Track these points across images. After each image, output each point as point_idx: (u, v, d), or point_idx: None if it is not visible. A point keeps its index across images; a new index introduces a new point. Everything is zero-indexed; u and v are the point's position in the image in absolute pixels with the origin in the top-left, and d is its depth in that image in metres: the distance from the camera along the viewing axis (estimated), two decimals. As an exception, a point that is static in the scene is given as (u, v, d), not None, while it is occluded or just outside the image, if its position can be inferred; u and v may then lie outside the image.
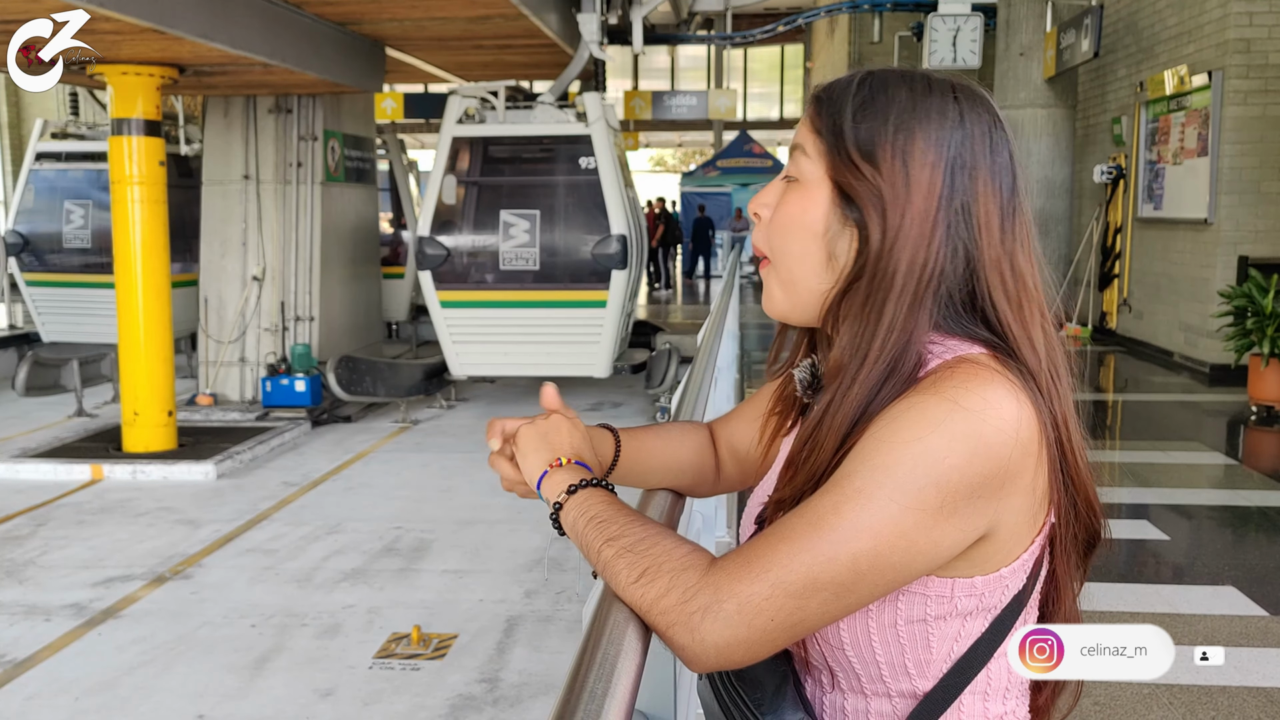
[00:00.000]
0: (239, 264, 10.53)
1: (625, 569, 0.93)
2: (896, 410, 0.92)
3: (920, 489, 0.88)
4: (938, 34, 13.82)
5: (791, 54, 30.31)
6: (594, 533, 0.98)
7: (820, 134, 1.01)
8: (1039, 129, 12.84)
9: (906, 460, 0.88)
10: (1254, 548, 5.24)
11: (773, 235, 1.04)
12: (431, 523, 6.93)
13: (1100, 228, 12.54)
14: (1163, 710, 3.36)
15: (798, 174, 1.02)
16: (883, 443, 0.90)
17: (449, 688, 4.56)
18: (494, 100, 9.60)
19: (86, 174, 11.82)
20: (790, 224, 1.02)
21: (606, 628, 0.89)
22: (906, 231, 0.98)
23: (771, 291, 1.06)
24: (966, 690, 0.99)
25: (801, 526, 0.89)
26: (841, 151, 0.99)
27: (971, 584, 0.96)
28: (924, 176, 0.98)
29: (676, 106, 19.74)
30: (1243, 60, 9.27)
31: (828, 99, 1.03)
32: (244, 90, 10.18)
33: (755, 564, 0.88)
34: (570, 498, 1.05)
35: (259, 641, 5.10)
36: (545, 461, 1.12)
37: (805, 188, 1.02)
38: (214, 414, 9.95)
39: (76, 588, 5.82)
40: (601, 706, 0.77)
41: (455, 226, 9.55)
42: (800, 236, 1.02)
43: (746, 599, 0.87)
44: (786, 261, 1.03)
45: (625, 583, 0.92)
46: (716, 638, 0.87)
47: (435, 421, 10.22)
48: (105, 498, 7.67)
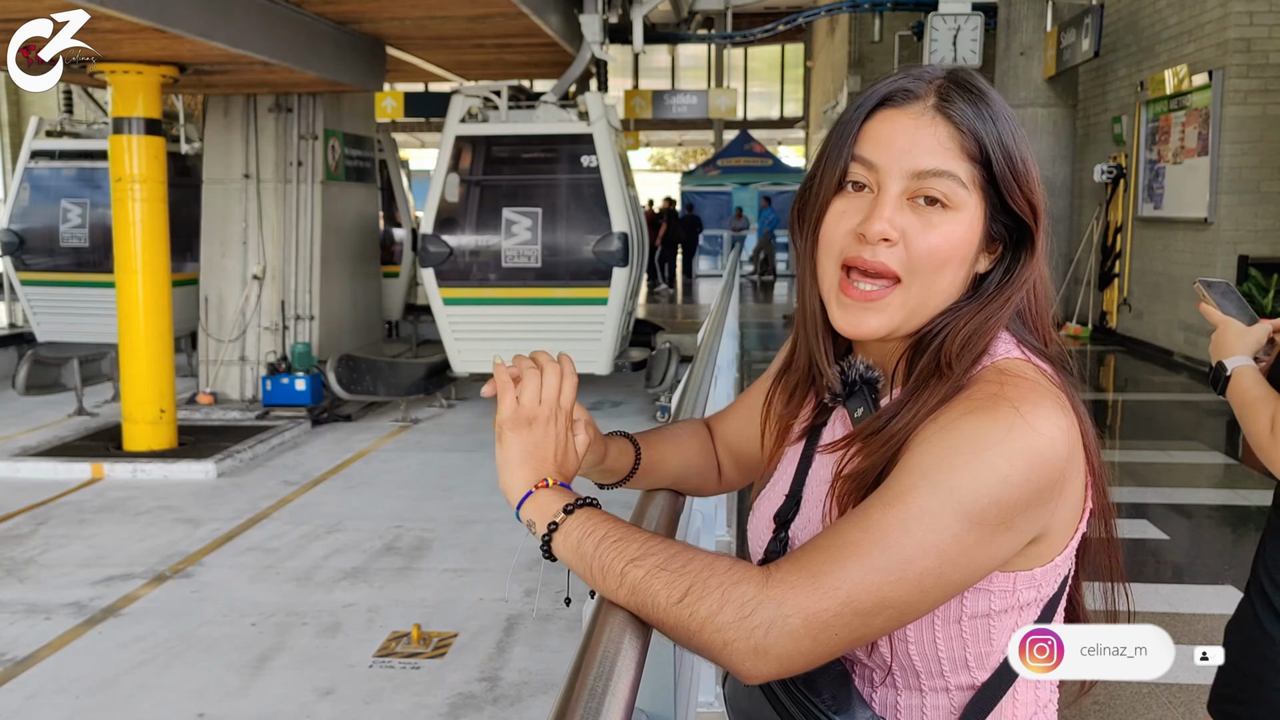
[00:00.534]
0: (239, 263, 10.54)
1: (663, 589, 0.89)
2: (957, 421, 0.92)
3: (984, 508, 0.89)
4: (938, 33, 13.82)
5: (792, 53, 30.32)
6: (612, 554, 0.94)
7: (978, 161, 0.99)
8: (1039, 128, 12.84)
9: (969, 478, 0.89)
10: (1253, 547, 5.23)
11: (923, 262, 0.99)
12: (432, 521, 6.93)
13: (1100, 227, 12.54)
14: (1162, 709, 3.36)
15: (947, 199, 0.98)
16: (945, 456, 0.90)
17: (449, 686, 4.57)
18: (497, 100, 9.68)
19: (81, 172, 11.72)
20: (952, 253, 0.99)
21: (606, 626, 0.90)
22: (1043, 248, 1.03)
23: (888, 309, 1.01)
24: (1021, 677, 1.01)
25: (868, 544, 0.88)
26: (1009, 175, 0.99)
27: (1031, 576, 0.99)
28: (1041, 191, 1.02)
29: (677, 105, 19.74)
30: (1243, 60, 9.27)
31: (976, 121, 0.99)
32: (244, 89, 10.19)
33: (823, 580, 0.87)
34: (568, 517, 1.00)
35: (259, 640, 5.10)
36: (529, 480, 1.08)
37: (963, 215, 0.99)
38: (214, 413, 9.96)
39: (77, 586, 5.83)
40: (601, 704, 0.77)
41: (458, 224, 9.61)
42: (956, 265, 1.00)
43: (814, 615, 0.86)
44: (932, 288, 1.00)
45: (666, 603, 0.89)
46: (780, 651, 0.86)
47: (435, 420, 10.22)
48: (105, 496, 7.67)
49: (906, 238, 0.99)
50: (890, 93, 1.02)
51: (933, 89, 1.01)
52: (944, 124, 0.99)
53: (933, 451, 0.91)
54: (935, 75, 1.03)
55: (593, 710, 0.76)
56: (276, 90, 10.26)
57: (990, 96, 1.01)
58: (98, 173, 11.27)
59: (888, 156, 1.00)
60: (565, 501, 1.02)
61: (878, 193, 1.00)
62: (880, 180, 1.00)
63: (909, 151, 0.99)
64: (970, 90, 1.01)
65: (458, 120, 9.56)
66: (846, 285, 1.02)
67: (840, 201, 1.03)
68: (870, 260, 1.00)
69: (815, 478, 1.10)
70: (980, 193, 1.00)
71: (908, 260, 0.99)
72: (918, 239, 0.99)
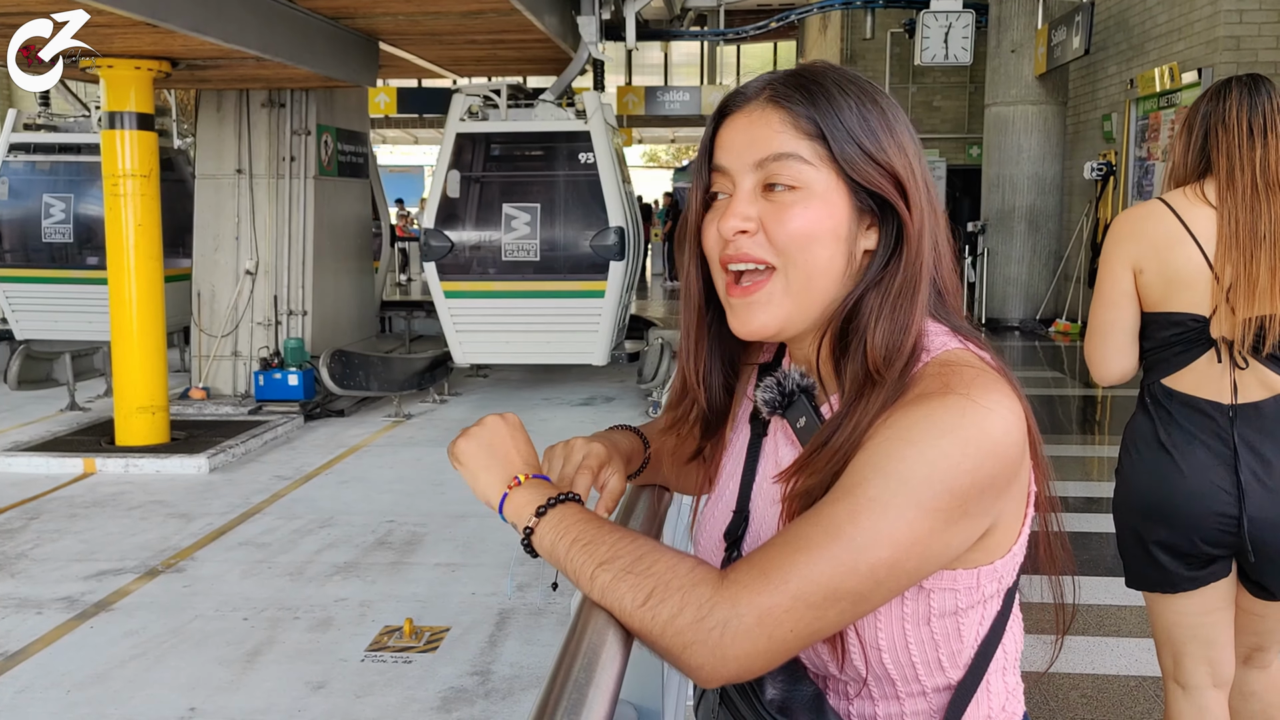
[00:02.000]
0: (232, 258, 10.53)
1: (629, 592, 0.90)
2: (907, 411, 0.92)
3: (935, 495, 0.88)
4: (930, 31, 13.86)
5: (784, 50, 30.30)
6: (582, 557, 0.94)
7: (818, 137, 0.99)
8: (1030, 125, 12.89)
9: (921, 467, 0.88)
10: (1240, 543, 5.28)
11: (787, 242, 0.99)
12: (424, 516, 6.95)
13: (1090, 224, 12.59)
14: (1149, 702, 3.39)
15: (796, 181, 0.99)
16: (896, 447, 0.90)
17: (441, 680, 4.59)
18: (496, 99, 9.89)
19: (60, 166, 11.44)
20: (813, 229, 0.99)
21: (592, 618, 0.91)
22: (923, 220, 1.01)
23: (773, 302, 1.01)
24: (990, 668, 1.02)
25: (819, 536, 0.88)
26: (856, 151, 0.99)
27: (993, 569, 0.99)
28: (918, 165, 1.02)
29: (669, 102, 19.75)
30: (1232, 57, 9.31)
31: (808, 105, 1.00)
32: (237, 84, 10.17)
33: (773, 575, 0.86)
34: (540, 520, 1.01)
35: (251, 634, 5.11)
36: (501, 482, 1.07)
37: (814, 191, 0.99)
38: (207, 408, 9.96)
39: (68, 581, 5.83)
40: (585, 695, 0.79)
41: (459, 220, 9.85)
42: (826, 241, 0.99)
43: (767, 611, 0.86)
44: (809, 268, 1.00)
45: (632, 607, 0.89)
46: (737, 651, 0.86)
47: (428, 416, 10.23)
48: (97, 491, 7.67)
49: (765, 225, 1.00)
50: (727, 102, 1.06)
51: (766, 88, 1.03)
52: (776, 111, 1.01)
53: (884, 444, 0.91)
54: (771, 77, 1.05)
55: (576, 702, 0.78)
56: (269, 85, 10.25)
57: (825, 81, 1.02)
58: (78, 166, 11.13)
59: (732, 156, 1.02)
60: (537, 503, 1.03)
61: (734, 193, 1.02)
62: (734, 180, 1.02)
63: (749, 145, 1.01)
64: (801, 78, 1.02)
65: (459, 118, 9.78)
66: (731, 286, 1.03)
67: (710, 215, 1.05)
68: (735, 253, 1.01)
69: (760, 494, 1.10)
70: (834, 168, 1.00)
71: (772, 245, 1.00)
72: (774, 223, 1.00)
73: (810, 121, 0.99)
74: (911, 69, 17.31)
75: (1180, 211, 2.18)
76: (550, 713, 0.76)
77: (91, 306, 10.50)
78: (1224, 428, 2.15)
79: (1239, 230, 2.11)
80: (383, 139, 31.52)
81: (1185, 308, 2.17)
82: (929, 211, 1.03)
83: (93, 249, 10.98)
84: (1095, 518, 5.52)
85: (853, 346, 0.99)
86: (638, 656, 1.36)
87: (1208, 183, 2.20)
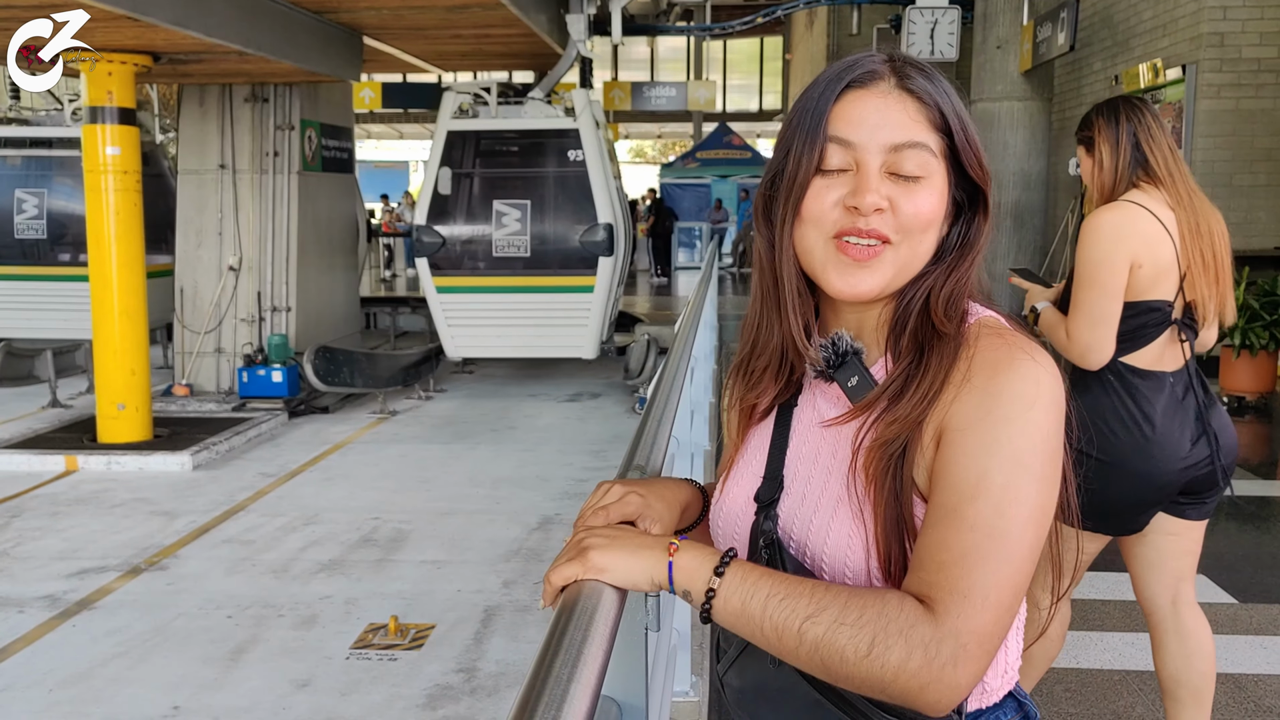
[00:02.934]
0: (215, 254, 10.47)
1: (849, 644, 0.92)
2: (990, 387, 0.99)
3: (1042, 464, 0.98)
4: (916, 26, 13.87)
5: (771, 46, 30.32)
6: (784, 612, 0.95)
7: (944, 131, 1.07)
8: (1015, 121, 12.90)
9: (1024, 442, 0.97)
10: (1224, 536, 5.30)
11: (911, 225, 1.06)
12: (409, 513, 6.92)
13: (1075, 220, 12.63)
14: (1132, 696, 3.40)
15: (923, 170, 1.05)
16: (1000, 429, 0.97)
17: (426, 678, 4.57)
18: (487, 96, 10.03)
19: (29, 161, 11.08)
20: (933, 217, 1.07)
21: (574, 614, 0.91)
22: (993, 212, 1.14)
23: (882, 269, 1.06)
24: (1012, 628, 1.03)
25: (985, 543, 0.94)
26: (967, 145, 1.08)
27: None
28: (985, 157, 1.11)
29: (656, 98, 19.74)
30: (1216, 54, 9.35)
31: (936, 96, 1.07)
32: (220, 79, 10.11)
33: (974, 596, 0.92)
34: (722, 581, 0.99)
35: (235, 632, 5.09)
36: (660, 555, 1.02)
37: (935, 181, 1.07)
38: (190, 405, 9.90)
39: (51, 579, 5.79)
40: (566, 692, 0.78)
41: (451, 216, 10.00)
42: (935, 228, 1.08)
43: (983, 633, 0.92)
44: (916, 249, 1.07)
45: (855, 658, 0.91)
46: (967, 676, 0.91)
47: (413, 412, 10.20)
48: (80, 489, 7.62)
49: (894, 205, 1.05)
50: (855, 75, 1.08)
51: (890, 69, 1.08)
52: (910, 99, 1.06)
53: (986, 429, 0.98)
54: (885, 57, 1.10)
55: (557, 698, 0.77)
56: (252, 80, 10.19)
57: (936, 73, 1.10)
58: (51, 161, 10.91)
59: (863, 133, 1.05)
60: (711, 564, 1.00)
61: (859, 169, 1.05)
62: (859, 157, 1.05)
63: (882, 127, 1.05)
64: (921, 68, 1.09)
65: (450, 116, 9.94)
66: (844, 246, 1.06)
67: (820, 180, 1.07)
68: (865, 228, 1.05)
69: (799, 456, 1.12)
70: (945, 161, 1.08)
71: (897, 225, 1.06)
72: (905, 205, 1.05)
73: (940, 115, 1.07)
74: (897, 65, 17.33)
75: (1156, 213, 2.51)
76: (532, 709, 0.75)
77: (66, 304, 10.31)
78: (1179, 389, 2.53)
79: (1192, 228, 2.52)
80: (367, 134, 31.40)
81: (1162, 295, 2.52)
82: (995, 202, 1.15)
83: (66, 246, 10.76)
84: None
85: (917, 307, 1.08)
86: (621, 652, 1.35)
87: (1146, 188, 2.55)
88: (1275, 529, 5.41)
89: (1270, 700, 3.36)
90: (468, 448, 8.77)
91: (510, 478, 7.78)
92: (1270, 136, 9.39)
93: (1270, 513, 5.63)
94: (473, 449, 8.73)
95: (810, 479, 1.09)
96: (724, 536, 1.17)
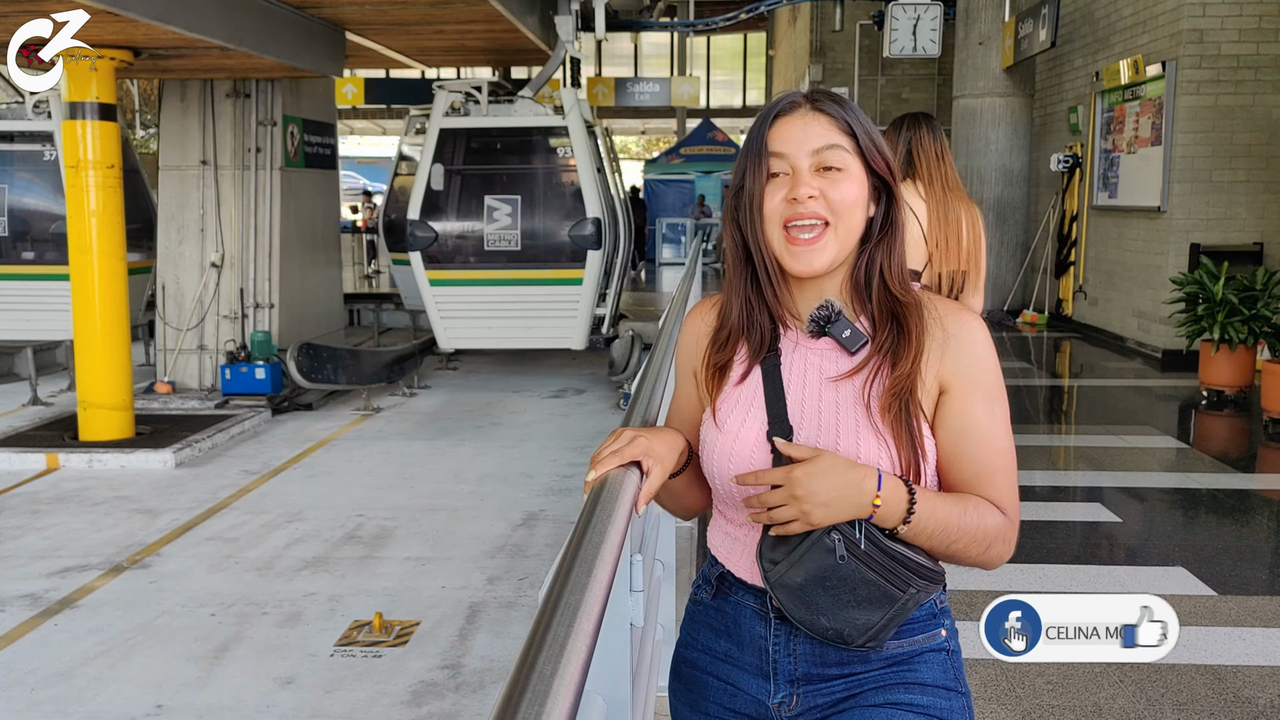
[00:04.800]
0: (197, 250, 10.41)
1: (975, 550, 1.38)
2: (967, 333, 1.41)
3: (1004, 391, 1.44)
4: (898, 23, 13.91)
5: (754, 42, 30.35)
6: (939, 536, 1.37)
7: (853, 136, 1.42)
8: (997, 118, 12.97)
9: (998, 382, 1.42)
10: (1203, 529, 5.36)
11: (840, 206, 1.40)
12: (393, 510, 6.91)
13: (1057, 216, 12.69)
14: (1113, 688, 3.43)
15: (842, 164, 1.40)
16: (990, 358, 1.41)
17: (411, 674, 4.57)
18: (478, 95, 10.33)
19: None
20: (856, 198, 1.41)
21: (558, 610, 0.91)
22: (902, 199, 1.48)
23: (827, 247, 1.40)
24: None
25: (1007, 462, 1.41)
26: (872, 147, 1.43)
27: None
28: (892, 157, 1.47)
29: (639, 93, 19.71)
30: (1196, 51, 9.41)
31: (843, 113, 1.44)
32: (201, 74, 10.04)
33: (1012, 498, 1.41)
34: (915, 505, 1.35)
35: (218, 630, 5.07)
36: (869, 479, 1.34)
37: (853, 174, 1.41)
38: (173, 402, 9.85)
39: (32, 578, 5.76)
40: (549, 688, 0.78)
41: (443, 211, 10.32)
42: (860, 208, 1.42)
43: (1018, 520, 1.42)
44: (850, 225, 1.41)
45: (979, 555, 1.39)
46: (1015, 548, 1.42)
47: (397, 409, 10.18)
48: (61, 487, 7.58)
49: (824, 193, 1.40)
50: (780, 108, 1.45)
51: (806, 99, 1.45)
52: (822, 116, 1.43)
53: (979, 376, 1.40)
54: (805, 92, 1.46)
55: (541, 694, 0.78)
56: (234, 75, 10.13)
57: (845, 99, 1.46)
58: (12, 156, 10.64)
59: (791, 145, 1.42)
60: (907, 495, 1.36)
61: (794, 172, 1.41)
62: (793, 163, 1.41)
63: (806, 139, 1.41)
64: (832, 97, 1.46)
65: (442, 114, 10.26)
66: (791, 239, 1.41)
67: (769, 186, 1.43)
68: (805, 212, 1.40)
69: (803, 400, 1.42)
70: (859, 157, 1.42)
71: (829, 207, 1.40)
72: (831, 191, 1.40)
73: (845, 124, 1.42)
74: (880, 61, 17.39)
75: (908, 200, 3.33)
76: (515, 706, 0.76)
77: (27, 304, 10.11)
78: None
79: (941, 215, 3.42)
80: (350, 130, 31.26)
81: (911, 265, 3.02)
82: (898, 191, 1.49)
83: (29, 243, 10.51)
84: (1062, 506, 5.58)
85: (876, 280, 1.44)
86: (606, 648, 1.35)
87: (910, 183, 3.48)
88: (1253, 522, 5.47)
89: (1249, 691, 3.40)
90: (452, 444, 8.76)
91: (494, 474, 7.78)
92: (1249, 132, 9.46)
93: (1248, 506, 5.68)
94: (457, 445, 8.71)
95: (822, 414, 1.41)
96: (737, 469, 1.43)
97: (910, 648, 1.43)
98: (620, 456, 1.40)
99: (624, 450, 1.41)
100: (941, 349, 1.39)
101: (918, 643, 1.44)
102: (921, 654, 1.44)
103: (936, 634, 1.45)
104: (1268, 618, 4.03)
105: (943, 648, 1.46)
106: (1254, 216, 9.51)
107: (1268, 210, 9.47)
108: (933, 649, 1.45)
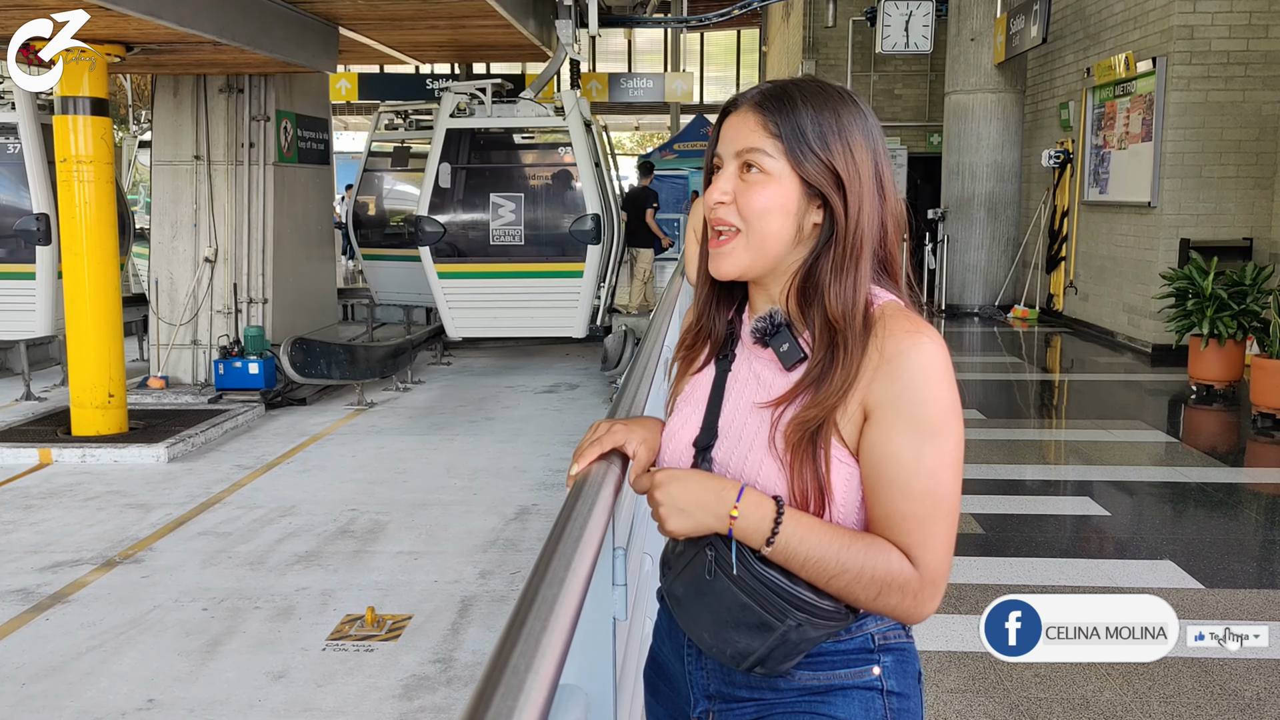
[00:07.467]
0: (190, 245, 10.40)
1: (864, 592, 1.25)
2: (906, 364, 1.25)
3: (952, 428, 1.25)
4: (891, 19, 13.93)
5: (748, 38, 30.33)
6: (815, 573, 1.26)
7: (779, 137, 1.30)
8: (989, 113, 12.99)
9: (938, 418, 1.24)
10: (1191, 523, 5.39)
11: (749, 212, 1.31)
12: (386, 505, 6.92)
13: (1048, 211, 12.72)
14: (1100, 681, 3.46)
15: (761, 167, 1.31)
16: (928, 388, 1.24)
17: (403, 668, 4.59)
18: (482, 96, 10.78)
19: None
20: (769, 204, 1.30)
21: (535, 603, 0.93)
22: (860, 205, 1.31)
23: (735, 254, 1.33)
24: None
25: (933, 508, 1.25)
26: (804, 150, 1.30)
27: None
28: (865, 159, 1.32)
29: (633, 89, 19.71)
30: (1186, 47, 9.44)
31: (775, 108, 1.31)
32: (194, 69, 10.03)
33: (933, 548, 1.25)
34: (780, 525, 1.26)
35: (211, 625, 5.08)
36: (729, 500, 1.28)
37: (774, 179, 1.31)
38: (166, 397, 9.85)
39: (24, 573, 5.76)
40: (523, 683, 0.80)
41: (450, 208, 10.82)
42: (778, 214, 1.31)
43: (942, 573, 1.26)
44: (765, 232, 1.31)
45: (869, 600, 1.26)
46: (935, 605, 1.27)
47: (390, 404, 10.19)
48: (53, 482, 7.58)
49: (737, 198, 1.33)
50: (729, 104, 1.38)
51: (754, 96, 1.35)
52: (755, 115, 1.33)
53: (906, 408, 1.24)
54: (761, 86, 1.36)
55: (514, 689, 0.79)
56: (227, 70, 10.11)
57: (793, 92, 1.33)
58: None
59: (724, 145, 1.36)
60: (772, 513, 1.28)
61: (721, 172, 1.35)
62: (723, 164, 1.35)
63: (734, 139, 1.34)
64: (778, 89, 1.34)
65: (448, 114, 10.71)
66: (710, 240, 1.37)
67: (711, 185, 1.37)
68: (714, 217, 1.35)
69: (735, 410, 1.37)
70: (789, 161, 1.30)
71: (738, 213, 1.33)
72: (743, 197, 1.32)
73: (775, 124, 1.30)
74: (873, 57, 17.38)
75: None
76: (487, 701, 0.77)
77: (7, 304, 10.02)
78: None
79: None
80: (344, 125, 31.18)
81: None
82: (872, 198, 1.32)
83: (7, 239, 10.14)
84: (1053, 500, 5.61)
85: (813, 299, 1.31)
86: (588, 641, 1.37)
87: None
88: (1241, 516, 5.50)
89: (1235, 684, 3.43)
90: (445, 439, 8.77)
91: (487, 468, 7.79)
92: (1239, 128, 9.49)
93: (1237, 500, 5.71)
94: (450, 440, 8.73)
95: (745, 429, 1.34)
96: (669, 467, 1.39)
97: (828, 681, 1.34)
98: (600, 446, 1.40)
99: (603, 439, 1.41)
100: (874, 373, 1.25)
101: (839, 677, 1.34)
102: (844, 689, 1.34)
103: (866, 671, 1.35)
104: (1255, 611, 4.07)
105: (873, 686, 1.35)
106: (1243, 212, 9.54)
107: (1257, 206, 9.50)
108: (858, 686, 1.34)
